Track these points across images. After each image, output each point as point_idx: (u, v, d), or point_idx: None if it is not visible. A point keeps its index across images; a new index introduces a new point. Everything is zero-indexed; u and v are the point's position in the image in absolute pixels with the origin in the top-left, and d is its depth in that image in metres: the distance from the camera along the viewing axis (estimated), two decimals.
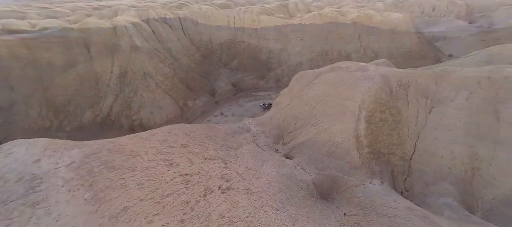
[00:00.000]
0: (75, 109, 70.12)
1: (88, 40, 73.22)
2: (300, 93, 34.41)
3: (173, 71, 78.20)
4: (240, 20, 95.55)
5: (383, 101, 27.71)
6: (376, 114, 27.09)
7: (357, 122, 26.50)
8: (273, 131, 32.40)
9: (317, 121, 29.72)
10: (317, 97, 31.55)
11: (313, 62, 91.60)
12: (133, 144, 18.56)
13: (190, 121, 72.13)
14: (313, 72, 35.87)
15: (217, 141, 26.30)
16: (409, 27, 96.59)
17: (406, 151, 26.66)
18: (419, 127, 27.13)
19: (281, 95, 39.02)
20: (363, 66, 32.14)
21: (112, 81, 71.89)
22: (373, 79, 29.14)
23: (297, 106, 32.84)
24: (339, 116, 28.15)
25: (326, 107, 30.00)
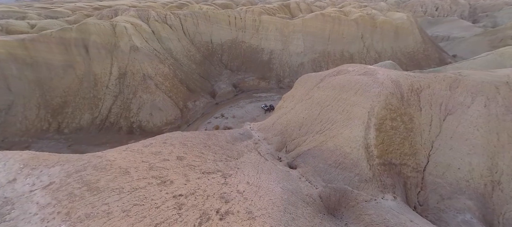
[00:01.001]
0: (73, 111, 68.36)
1: (86, 40, 71.35)
2: (304, 97, 32.32)
3: (173, 72, 76.27)
4: (241, 20, 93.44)
5: (394, 107, 25.63)
6: (387, 121, 25.01)
7: (367, 130, 24.43)
8: (276, 138, 30.36)
9: (323, 127, 27.66)
10: (323, 102, 29.46)
11: (315, 62, 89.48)
12: (123, 158, 16.60)
13: (190, 123, 70.26)
14: (317, 75, 33.77)
15: (216, 150, 24.31)
16: (413, 27, 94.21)
17: (419, 161, 24.61)
18: (433, 136, 25.06)
19: (283, 99, 36.93)
20: (371, 69, 30.03)
21: (111, 82, 70.04)
22: (382, 84, 27.04)
23: (301, 111, 30.77)
24: (346, 123, 26.07)
25: (332, 113, 27.93)
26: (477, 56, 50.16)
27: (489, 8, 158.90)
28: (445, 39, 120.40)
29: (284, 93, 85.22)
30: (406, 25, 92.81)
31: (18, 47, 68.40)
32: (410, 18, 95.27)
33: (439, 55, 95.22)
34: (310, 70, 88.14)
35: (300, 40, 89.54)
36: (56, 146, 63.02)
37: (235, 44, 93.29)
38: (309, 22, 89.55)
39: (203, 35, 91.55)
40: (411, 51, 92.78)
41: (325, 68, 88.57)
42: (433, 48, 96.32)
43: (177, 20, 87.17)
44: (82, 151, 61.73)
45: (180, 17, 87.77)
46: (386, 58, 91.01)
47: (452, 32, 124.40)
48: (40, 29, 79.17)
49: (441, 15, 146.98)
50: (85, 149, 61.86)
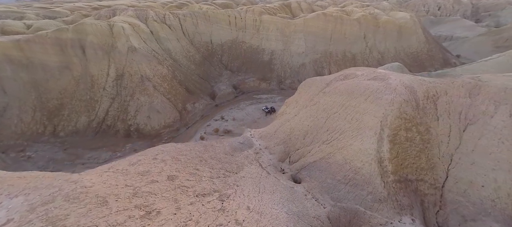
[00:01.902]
0: (69, 113, 65.85)
1: (83, 41, 68.71)
2: (308, 103, 29.68)
3: (172, 73, 73.65)
4: (241, 20, 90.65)
5: (409, 116, 23.01)
6: (401, 132, 22.40)
7: (379, 142, 21.83)
8: (278, 147, 27.77)
9: (330, 137, 25.06)
10: (329, 109, 26.84)
11: (317, 63, 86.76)
12: (103, 182, 14.07)
13: (189, 125, 67.70)
14: (323, 80, 31.10)
15: (213, 164, 21.75)
16: (416, 26, 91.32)
17: (438, 176, 22.03)
18: (452, 148, 22.46)
19: (286, 104, 34.26)
20: (382, 74, 27.36)
21: (108, 84, 67.47)
22: (395, 90, 24.40)
23: (305, 118, 28.16)
24: (356, 133, 23.46)
25: (340, 121, 25.31)
26: (488, 58, 47.42)
27: (492, 7, 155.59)
28: (448, 39, 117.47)
29: (285, 95, 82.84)
30: (410, 24, 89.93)
31: (13, 48, 65.82)
32: (413, 17, 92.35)
33: (443, 55, 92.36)
34: (311, 70, 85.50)
35: (301, 40, 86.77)
36: (51, 150, 60.61)
37: (235, 44, 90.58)
38: (310, 22, 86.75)
39: (202, 35, 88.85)
40: (414, 52, 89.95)
41: (327, 69, 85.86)
42: (437, 48, 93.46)
43: (176, 20, 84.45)
44: (78, 155, 59.28)
45: (179, 17, 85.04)
46: (389, 58, 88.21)
47: (455, 32, 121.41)
48: (36, 29, 76.54)
49: (443, 14, 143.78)
50: (81, 153, 59.44)
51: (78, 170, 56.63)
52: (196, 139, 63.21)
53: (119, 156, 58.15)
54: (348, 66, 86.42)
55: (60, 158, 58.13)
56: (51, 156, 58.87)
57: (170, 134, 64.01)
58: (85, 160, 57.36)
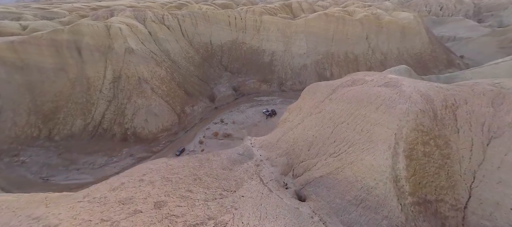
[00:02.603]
0: (65, 116, 63.42)
1: (79, 42, 66.22)
2: (313, 111, 27.11)
3: (171, 75, 71.16)
4: (242, 20, 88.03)
5: (426, 129, 20.47)
6: (418, 146, 19.87)
7: (394, 158, 19.31)
8: (281, 159, 25.24)
9: (337, 149, 22.53)
10: (336, 118, 24.28)
11: (318, 64, 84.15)
12: (73, 218, 11.60)
13: (187, 129, 65.22)
14: (328, 85, 28.52)
15: (209, 183, 19.27)
16: (420, 27, 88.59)
17: (459, 196, 19.53)
18: (475, 164, 19.95)
19: (289, 111, 31.66)
20: (393, 79, 24.81)
21: (104, 86, 65.00)
22: (410, 98, 21.84)
23: (310, 127, 25.62)
24: (367, 146, 20.92)
25: (348, 132, 22.77)
26: (499, 61, 44.76)
27: (494, 7, 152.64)
28: (451, 39, 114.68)
29: (286, 97, 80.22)
30: (413, 25, 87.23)
31: (7, 50, 63.36)
32: (417, 18, 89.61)
33: (446, 56, 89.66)
34: (313, 72, 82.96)
35: (302, 41, 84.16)
36: (46, 154, 58.21)
37: (235, 45, 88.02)
38: (312, 22, 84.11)
39: (202, 36, 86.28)
40: (418, 52, 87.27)
41: (329, 71, 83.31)
42: (441, 49, 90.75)
43: (175, 20, 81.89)
44: (73, 160, 56.85)
45: (178, 17, 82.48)
46: (392, 60, 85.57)
47: (458, 32, 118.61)
48: (32, 30, 74.08)
49: (445, 14, 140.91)
50: (76, 157, 57.03)
51: (73, 175, 54.35)
52: (195, 142, 60.82)
53: (115, 161, 55.76)
54: (350, 67, 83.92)
55: (55, 163, 55.77)
56: (45, 160, 56.51)
57: (168, 138, 61.61)
58: (80, 165, 55.00)
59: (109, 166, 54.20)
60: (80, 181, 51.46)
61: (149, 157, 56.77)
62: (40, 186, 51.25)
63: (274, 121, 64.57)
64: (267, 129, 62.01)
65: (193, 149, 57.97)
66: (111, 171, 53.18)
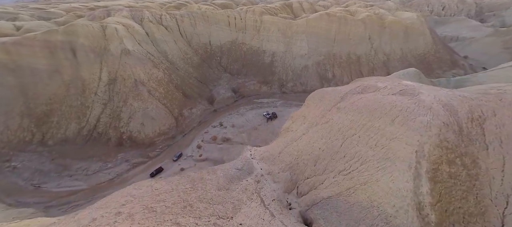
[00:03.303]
0: (59, 120, 60.59)
1: (74, 43, 63.26)
2: (319, 120, 24.21)
3: (168, 76, 68.24)
4: (241, 20, 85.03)
5: (451, 145, 17.58)
6: (443, 166, 16.99)
7: (416, 180, 16.46)
8: (284, 174, 22.43)
9: (348, 166, 19.68)
10: (345, 130, 21.39)
11: (320, 65, 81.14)
12: None
13: (185, 133, 62.32)
14: (336, 92, 25.56)
15: (202, 210, 16.42)
16: (424, 27, 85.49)
17: (490, 225, 16.66)
18: (508, 187, 17.07)
19: (292, 119, 28.74)
20: (410, 87, 21.88)
21: (100, 89, 62.11)
22: (431, 109, 18.95)
23: (316, 139, 22.74)
24: (383, 164, 18.05)
25: (360, 147, 19.90)
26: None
27: (496, 7, 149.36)
28: (454, 39, 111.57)
29: (287, 99, 77.13)
30: (417, 25, 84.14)
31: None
32: (420, 17, 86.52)
33: (450, 57, 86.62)
34: (314, 73, 79.88)
35: (304, 42, 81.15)
36: (38, 160, 55.34)
37: (235, 46, 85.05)
38: (313, 22, 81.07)
39: (201, 36, 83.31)
40: (421, 53, 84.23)
41: (331, 72, 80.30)
42: (445, 49, 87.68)
43: (173, 21, 78.90)
44: (66, 166, 54.00)
45: (177, 17, 79.48)
46: (395, 60, 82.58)
47: (460, 32, 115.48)
48: (26, 31, 71.17)
49: (447, 14, 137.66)
50: (69, 163, 54.19)
51: (65, 182, 51.49)
52: (193, 147, 57.99)
53: (110, 167, 52.93)
54: (353, 68, 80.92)
55: (47, 169, 52.97)
56: (37, 166, 53.69)
57: (165, 142, 58.75)
58: (73, 172, 52.17)
59: (103, 172, 51.41)
60: (72, 188, 48.70)
61: (145, 162, 53.98)
62: (31, 193, 48.53)
63: (275, 124, 61.73)
64: (267, 132, 59.19)
65: (191, 154, 55.17)
66: (105, 177, 50.43)
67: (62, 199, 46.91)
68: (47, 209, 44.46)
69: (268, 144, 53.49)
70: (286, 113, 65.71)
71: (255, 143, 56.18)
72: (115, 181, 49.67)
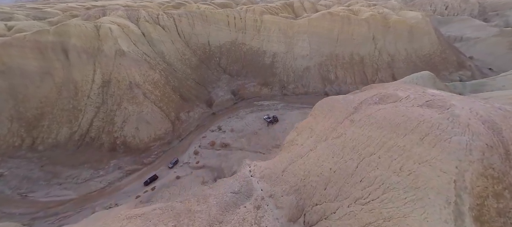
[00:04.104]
0: (50, 124, 56.99)
1: (66, 44, 59.56)
2: (329, 134, 20.57)
3: (165, 78, 64.53)
4: (241, 20, 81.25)
5: (498, 173, 13.90)
6: (489, 200, 13.33)
7: (458, 220, 12.77)
8: (288, 198, 19.03)
9: (366, 194, 16.13)
10: (362, 147, 17.78)
11: (322, 66, 77.33)
12: None
13: (182, 137, 58.65)
14: (348, 101, 21.84)
15: None
16: (429, 27, 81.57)
17: None
18: None
19: (297, 130, 25.12)
20: (437, 96, 18.17)
21: (93, 91, 58.46)
22: (469, 126, 15.26)
23: (326, 157, 19.15)
24: (412, 196, 14.46)
25: (381, 170, 16.29)
26: None
27: (499, 6, 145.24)
28: (458, 39, 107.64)
29: (288, 101, 73.10)
30: (422, 25, 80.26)
31: None
32: (425, 17, 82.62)
33: (456, 57, 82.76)
34: (316, 74, 75.99)
35: (305, 42, 77.35)
36: (27, 166, 51.74)
37: (234, 46, 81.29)
38: (315, 22, 77.24)
39: (199, 36, 79.55)
40: (427, 54, 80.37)
41: (333, 73, 76.49)
42: (450, 50, 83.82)
43: (170, 20, 75.15)
44: (56, 173, 50.34)
45: (174, 17, 75.73)
46: (400, 61, 78.69)
47: (464, 32, 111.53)
48: (18, 31, 67.59)
49: (450, 13, 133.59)
50: (59, 170, 50.54)
51: (54, 191, 47.77)
52: (190, 153, 54.33)
53: (102, 175, 49.25)
54: (356, 69, 77.03)
55: (36, 177, 49.38)
56: (26, 174, 50.07)
57: (161, 148, 55.08)
58: (62, 179, 48.58)
59: (94, 180, 47.83)
60: (61, 198, 45.11)
61: (139, 169, 50.37)
62: (17, 203, 44.92)
63: (276, 129, 58.02)
64: (268, 137, 55.49)
65: (187, 161, 51.54)
66: (96, 186, 46.85)
67: (50, 209, 43.35)
68: (33, 222, 40.95)
69: (269, 152, 49.85)
70: (288, 116, 62.07)
71: (255, 148, 52.58)
72: (106, 190, 46.11)
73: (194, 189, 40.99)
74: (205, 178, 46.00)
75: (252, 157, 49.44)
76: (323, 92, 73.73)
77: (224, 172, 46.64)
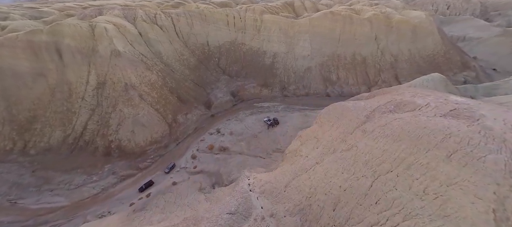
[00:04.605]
0: (43, 127, 54.56)
1: (60, 44, 57.07)
2: (338, 146, 18.22)
3: (162, 80, 62.05)
4: (241, 20, 78.75)
5: None
6: None
7: None
8: (292, 219, 16.88)
9: (383, 218, 13.77)
10: (376, 163, 15.40)
11: (323, 67, 74.83)
12: None
13: (179, 140, 56.22)
14: (359, 108, 19.40)
15: None
16: (432, 26, 79.06)
17: None
18: None
19: (301, 139, 22.77)
20: (463, 105, 15.72)
21: (87, 93, 56.03)
22: (505, 142, 12.87)
23: (334, 172, 16.75)
24: (442, 225, 11.86)
25: (400, 191, 13.95)
26: None
27: (501, 6, 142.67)
28: (461, 39, 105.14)
29: (289, 102, 70.35)
30: (425, 24, 77.76)
31: None
32: (428, 16, 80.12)
33: (461, 58, 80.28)
34: (318, 75, 73.47)
35: (306, 42, 74.87)
36: (18, 171, 49.28)
37: (234, 46, 78.80)
38: (316, 21, 74.73)
39: (198, 36, 77.05)
40: (430, 54, 77.88)
41: (335, 74, 74.00)
42: (454, 50, 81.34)
43: (168, 20, 72.64)
44: (48, 179, 47.88)
45: (172, 16, 73.21)
46: (403, 61, 76.14)
47: (467, 32, 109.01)
48: (11, 31, 65.13)
49: (452, 13, 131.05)
50: (51, 176, 48.14)
51: (45, 198, 45.25)
52: (187, 157, 51.92)
53: (95, 181, 46.78)
54: (358, 70, 74.47)
55: (26, 183, 46.97)
56: (16, 179, 47.65)
57: (157, 152, 52.65)
58: (54, 185, 46.17)
59: (88, 186, 45.44)
60: (52, 205, 42.71)
61: (134, 174, 47.98)
62: (6, 211, 42.47)
63: (276, 132, 55.55)
64: (268, 141, 53.02)
65: (184, 165, 49.15)
66: (89, 192, 44.46)
67: (40, 218, 40.95)
68: None
69: (270, 156, 47.41)
70: (288, 119, 59.64)
71: (255, 152, 50.13)
72: (99, 196, 43.74)
73: (190, 198, 38.62)
74: (203, 183, 43.56)
75: (251, 162, 47.11)
76: (324, 94, 71.30)
77: (223, 178, 44.28)
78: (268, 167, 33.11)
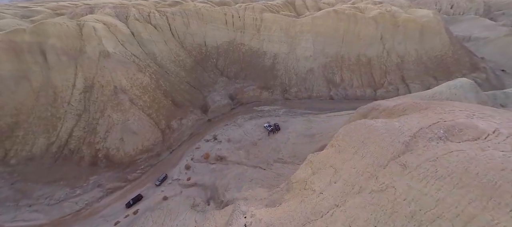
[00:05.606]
0: (25, 134, 49.38)
1: (44, 45, 51.86)
2: (366, 183, 13.06)
3: (156, 82, 56.82)
4: (240, 19, 73.43)
5: None
6: None
7: None
8: None
9: None
10: (428, 218, 10.04)
11: (326, 68, 69.57)
12: None
13: (173, 148, 51.04)
14: (392, 130, 14.07)
15: None
16: (440, 26, 73.69)
17: None
18: None
19: (312, 166, 17.68)
20: None
21: (74, 97, 50.83)
22: None
23: (363, 223, 11.52)
24: None
25: None
26: None
27: (504, 6, 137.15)
28: (466, 39, 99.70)
29: (290, 106, 64.45)
30: (433, 23, 72.40)
31: None
32: (436, 15, 74.76)
33: (469, 59, 74.96)
34: (320, 77, 68.14)
35: (309, 42, 69.54)
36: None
37: (232, 46, 73.51)
38: (319, 20, 69.36)
39: (195, 36, 71.75)
40: (438, 55, 72.56)
41: (339, 76, 68.72)
42: (463, 50, 76.02)
43: (163, 19, 67.29)
44: (27, 192, 42.72)
45: (167, 15, 67.87)
46: (410, 62, 70.76)
47: (473, 31, 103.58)
48: None
49: (456, 13, 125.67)
50: (31, 189, 43.01)
51: (22, 214, 39.84)
52: (181, 167, 46.78)
53: (78, 194, 41.59)
54: (363, 71, 69.08)
55: (3, 197, 41.76)
56: None
57: (148, 161, 47.49)
58: (33, 200, 41.02)
59: (70, 201, 40.32)
60: (29, 224, 37.54)
61: (122, 187, 42.83)
62: None
63: (277, 139, 50.29)
64: (269, 150, 47.73)
65: (177, 177, 44.03)
66: (71, 208, 39.29)
67: None
68: None
69: (270, 167, 42.10)
70: (290, 124, 54.39)
71: (254, 163, 44.90)
72: (82, 213, 38.63)
73: (181, 218, 33.51)
74: (196, 199, 38.46)
75: (250, 173, 41.97)
76: (328, 96, 66.12)
77: (218, 192, 39.13)
78: (270, 188, 27.78)
